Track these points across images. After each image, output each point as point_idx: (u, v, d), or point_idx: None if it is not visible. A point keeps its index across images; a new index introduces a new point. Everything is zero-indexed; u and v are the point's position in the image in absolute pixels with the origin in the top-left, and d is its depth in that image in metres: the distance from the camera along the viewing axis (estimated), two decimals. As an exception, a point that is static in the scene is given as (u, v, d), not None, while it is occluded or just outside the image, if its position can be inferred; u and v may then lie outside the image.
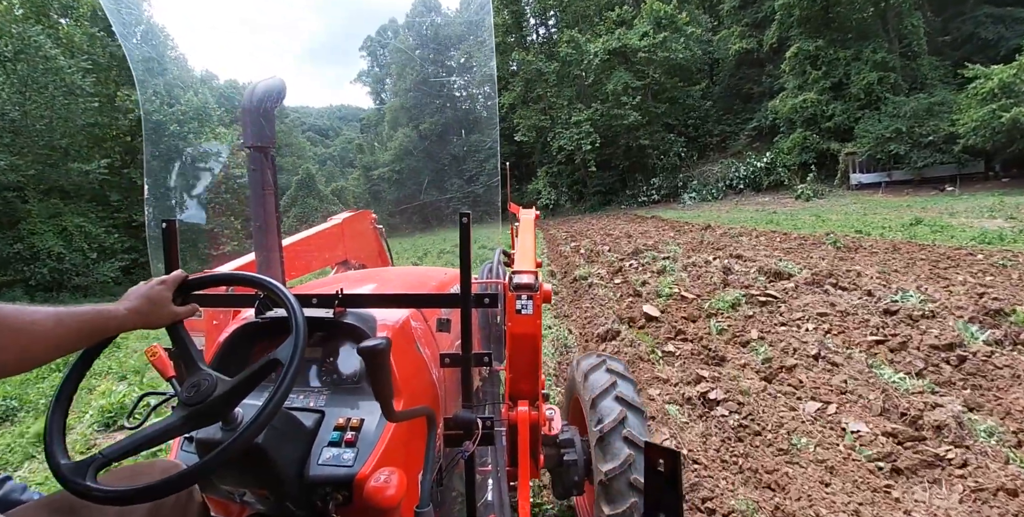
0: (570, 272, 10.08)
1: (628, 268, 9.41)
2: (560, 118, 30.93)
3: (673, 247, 11.19)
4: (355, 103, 77.60)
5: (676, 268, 8.86)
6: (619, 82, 27.84)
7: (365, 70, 67.50)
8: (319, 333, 1.48)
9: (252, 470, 1.09)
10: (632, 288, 7.60)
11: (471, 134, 43.98)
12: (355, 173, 54.10)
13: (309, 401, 1.33)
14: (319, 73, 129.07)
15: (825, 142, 25.83)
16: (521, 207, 3.18)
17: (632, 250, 11.14)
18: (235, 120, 37.31)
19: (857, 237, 10.89)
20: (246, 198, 1.53)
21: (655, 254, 10.42)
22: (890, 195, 21.41)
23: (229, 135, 28.43)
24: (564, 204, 34.72)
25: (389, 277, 2.30)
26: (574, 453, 2.04)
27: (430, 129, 43.68)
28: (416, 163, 45.08)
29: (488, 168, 17.64)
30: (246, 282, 1.18)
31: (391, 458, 1.20)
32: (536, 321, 1.61)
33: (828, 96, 26.00)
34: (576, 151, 30.09)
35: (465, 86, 47.97)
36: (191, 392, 0.98)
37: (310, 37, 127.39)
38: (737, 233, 13.10)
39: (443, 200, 44.67)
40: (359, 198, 50.84)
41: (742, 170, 27.72)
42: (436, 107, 44.49)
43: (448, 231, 31.67)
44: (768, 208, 22.08)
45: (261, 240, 1.53)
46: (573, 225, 24.36)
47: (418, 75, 44.43)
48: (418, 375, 1.47)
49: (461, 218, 1.36)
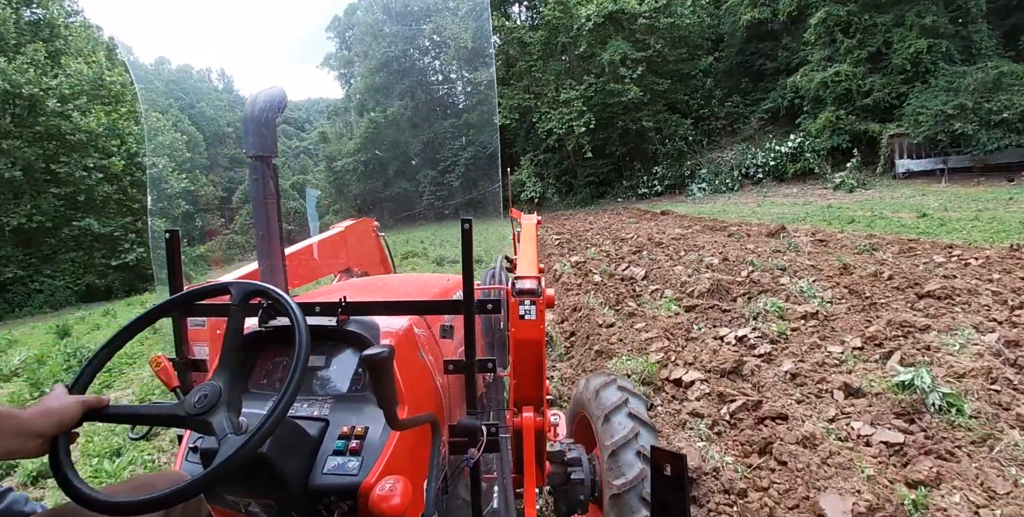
0: (585, 341, 5.17)
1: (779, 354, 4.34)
2: (547, 96, 26.31)
3: (799, 283, 6.04)
4: (335, 94, 72.27)
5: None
6: (616, 52, 23.34)
7: (332, 53, 62.37)
8: (322, 341, 1.43)
9: (257, 480, 1.06)
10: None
11: (445, 119, 39.20)
12: (320, 166, 49.47)
13: (313, 410, 1.29)
14: (298, 64, 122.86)
15: (862, 122, 21.77)
16: (523, 213, 3.18)
17: (709, 285, 6.15)
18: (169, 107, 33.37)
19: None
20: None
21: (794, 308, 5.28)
22: (955, 185, 17.37)
23: (152, 118, 23.44)
24: (551, 197, 30.20)
25: (392, 284, 2.33)
26: (581, 472, 2.03)
27: (399, 114, 38.77)
28: (384, 152, 40.27)
29: (466, 156, 10.41)
30: (220, 292, 1.17)
31: (396, 466, 1.19)
32: (539, 326, 1.58)
33: (864, 68, 21.93)
34: (568, 135, 25.53)
35: (444, 66, 43.15)
36: (198, 402, 0.97)
37: (289, 27, 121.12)
38: (867, 244, 7.92)
39: (415, 192, 40.31)
40: (324, 191, 46.15)
41: (760, 157, 23.52)
42: (405, 89, 39.62)
43: (428, 227, 29.06)
44: (807, 201, 17.85)
45: (264, 248, 1.52)
46: (565, 223, 19.90)
47: (385, 53, 39.43)
48: (422, 382, 1.46)
49: (463, 224, 1.39)
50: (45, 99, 17.36)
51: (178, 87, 60.79)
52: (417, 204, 39.50)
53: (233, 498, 1.14)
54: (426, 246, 17.39)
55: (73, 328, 10.62)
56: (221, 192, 47.68)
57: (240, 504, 1.15)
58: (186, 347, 1.60)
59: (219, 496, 1.15)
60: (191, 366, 1.58)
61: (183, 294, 1.25)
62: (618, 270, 8.08)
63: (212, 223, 38.81)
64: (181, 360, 1.56)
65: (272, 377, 1.39)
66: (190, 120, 50.10)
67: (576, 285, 7.54)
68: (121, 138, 20.41)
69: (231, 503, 1.16)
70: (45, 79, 17.58)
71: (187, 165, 34.28)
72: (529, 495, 1.68)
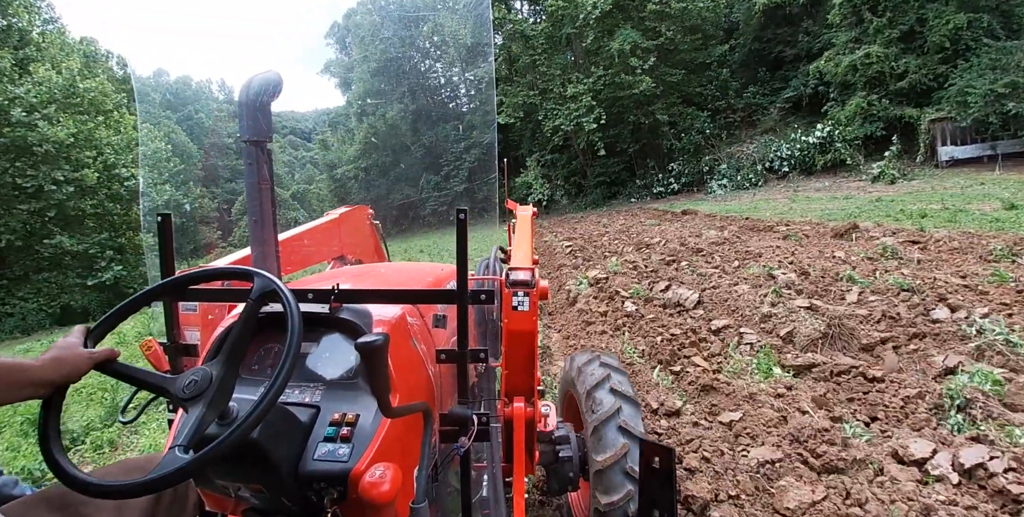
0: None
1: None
2: (553, 92, 24.65)
3: (980, 321, 3.94)
4: (338, 102, 70.29)
5: None
6: (626, 41, 21.64)
7: (333, 60, 61.32)
8: (315, 328, 1.42)
9: (247, 465, 1.08)
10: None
11: (447, 122, 37.72)
12: (322, 175, 48.23)
13: (305, 396, 1.29)
14: (307, 75, 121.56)
15: (896, 107, 19.96)
16: (518, 204, 3.15)
17: (820, 327, 4.04)
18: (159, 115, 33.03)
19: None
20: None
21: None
22: (1010, 171, 15.53)
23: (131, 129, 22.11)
24: (560, 200, 28.47)
25: (386, 273, 2.28)
26: (569, 450, 2.05)
27: (398, 118, 37.33)
28: (384, 158, 38.87)
29: (469, 159, 7.15)
30: (241, 276, 1.17)
31: (387, 454, 1.19)
32: (532, 318, 1.57)
33: (897, 49, 20.13)
34: (577, 132, 23.84)
35: (444, 68, 41.82)
36: (188, 387, 0.98)
37: (296, 38, 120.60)
38: (1002, 248, 6.02)
39: (419, 199, 38.84)
40: (323, 200, 44.87)
41: (785, 149, 21.73)
42: (404, 92, 38.22)
43: (430, 235, 28.02)
44: (847, 195, 16.06)
45: (257, 234, 1.53)
46: (576, 227, 18.24)
47: (383, 54, 38.03)
48: (414, 371, 1.46)
49: (458, 214, 1.39)
50: (10, 108, 16.02)
51: (176, 98, 59.95)
52: (420, 210, 38.09)
53: (223, 483, 1.14)
54: (426, 255, 15.96)
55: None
56: (223, 204, 46.57)
57: (230, 489, 1.16)
58: (177, 331, 1.59)
59: (209, 481, 1.15)
60: (182, 350, 1.58)
61: (210, 270, 1.25)
62: (655, 291, 6.17)
63: (208, 236, 37.56)
64: (172, 344, 1.56)
65: (263, 363, 1.37)
66: (187, 132, 49.13)
67: (599, 316, 5.63)
68: (98, 148, 19.04)
69: (221, 488, 1.16)
70: (11, 88, 16.26)
71: (180, 177, 33.08)
72: (518, 484, 1.66)
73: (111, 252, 18.57)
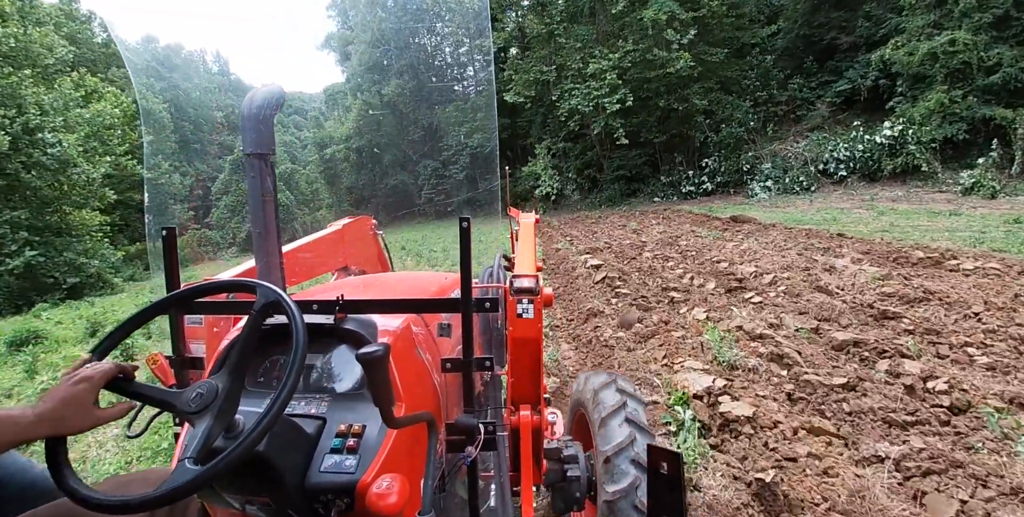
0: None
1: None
2: (571, 68, 21.21)
3: None
4: (339, 79, 65.27)
5: None
6: (662, 9, 18.21)
7: (333, 33, 57.71)
8: (320, 339, 1.42)
9: (253, 478, 1.06)
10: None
11: (449, 102, 34.24)
12: (313, 156, 44.74)
13: (310, 408, 1.27)
14: (313, 57, 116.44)
15: (984, 107, 16.68)
16: (520, 211, 3.15)
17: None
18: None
19: None
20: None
21: None
22: None
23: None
24: (570, 194, 25.13)
25: (390, 282, 2.31)
26: (577, 469, 1.98)
27: (395, 94, 33.84)
28: (379, 138, 35.46)
29: (471, 144, 7.61)
30: (245, 288, 1.17)
31: (393, 464, 1.17)
32: (537, 325, 1.55)
33: (987, 36, 16.82)
34: (595, 116, 20.44)
35: (445, 41, 38.27)
36: (194, 400, 0.97)
37: (304, 23, 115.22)
38: None
39: (414, 186, 35.53)
40: (312, 181, 41.40)
41: (843, 149, 18.45)
42: (403, 66, 34.72)
43: (426, 225, 25.55)
44: (952, 211, 12.80)
45: (261, 246, 1.51)
46: (594, 232, 14.94)
47: (382, 25, 34.46)
48: (419, 380, 1.45)
49: (461, 222, 1.39)
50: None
51: (163, 66, 56.16)
52: (416, 199, 34.87)
53: (230, 497, 1.13)
54: (422, 249, 12.99)
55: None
56: (205, 181, 43.07)
57: (236, 502, 1.14)
58: (183, 344, 1.58)
59: (216, 495, 1.13)
60: (188, 363, 1.57)
61: (215, 282, 1.25)
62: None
63: (181, 217, 34.20)
64: (178, 358, 1.55)
65: (269, 375, 1.36)
66: (170, 102, 45.50)
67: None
68: (20, 107, 15.63)
69: (227, 501, 1.15)
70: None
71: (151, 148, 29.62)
72: (526, 493, 1.65)
73: (25, 234, 15.21)
